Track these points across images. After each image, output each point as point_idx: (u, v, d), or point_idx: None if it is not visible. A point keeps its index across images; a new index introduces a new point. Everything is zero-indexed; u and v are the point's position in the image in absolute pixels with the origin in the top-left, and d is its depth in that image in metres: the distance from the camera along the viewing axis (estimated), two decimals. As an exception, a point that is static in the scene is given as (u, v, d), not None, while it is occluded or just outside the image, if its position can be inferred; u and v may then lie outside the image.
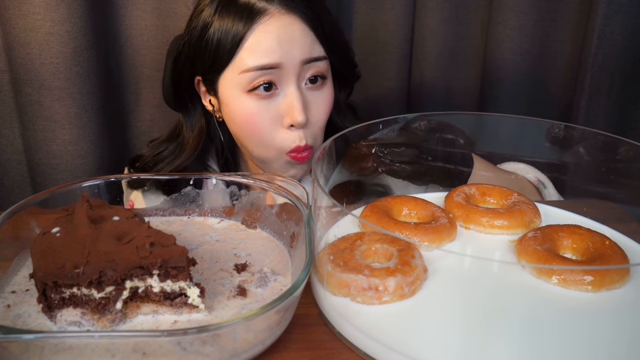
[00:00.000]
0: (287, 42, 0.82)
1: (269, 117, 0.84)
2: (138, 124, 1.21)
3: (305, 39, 0.84)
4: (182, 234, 0.67)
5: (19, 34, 1.03)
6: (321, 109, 0.87)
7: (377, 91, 1.26)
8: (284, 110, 0.84)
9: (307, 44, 0.84)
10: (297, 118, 0.83)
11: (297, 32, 0.83)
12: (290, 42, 0.83)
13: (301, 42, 0.83)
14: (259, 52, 0.82)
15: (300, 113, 0.83)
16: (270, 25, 0.83)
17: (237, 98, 0.85)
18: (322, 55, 0.86)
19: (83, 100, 1.09)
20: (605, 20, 1.09)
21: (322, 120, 0.88)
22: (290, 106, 0.84)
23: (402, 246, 0.57)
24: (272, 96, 0.84)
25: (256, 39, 0.82)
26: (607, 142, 0.72)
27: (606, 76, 1.13)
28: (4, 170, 1.18)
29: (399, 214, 0.69)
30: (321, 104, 0.87)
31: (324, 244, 0.61)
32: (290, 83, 0.84)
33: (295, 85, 0.84)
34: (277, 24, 0.83)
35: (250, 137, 0.87)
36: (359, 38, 1.25)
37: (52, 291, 0.50)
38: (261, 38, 0.82)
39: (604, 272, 0.55)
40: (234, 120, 0.87)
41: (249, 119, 0.85)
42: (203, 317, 0.52)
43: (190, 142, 0.94)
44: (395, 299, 0.53)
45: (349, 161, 0.85)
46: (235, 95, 0.85)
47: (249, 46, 0.83)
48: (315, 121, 0.87)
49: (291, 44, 0.83)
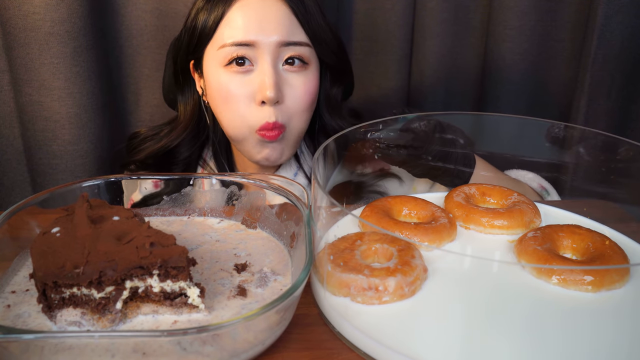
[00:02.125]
0: (265, 21, 0.84)
1: (243, 93, 0.85)
2: (138, 124, 1.21)
3: (284, 20, 0.85)
4: (182, 234, 0.67)
5: (19, 34, 1.03)
6: (298, 91, 0.87)
7: (377, 91, 1.26)
8: (257, 86, 0.85)
9: (286, 26, 0.85)
10: (266, 94, 0.83)
11: (276, 12, 0.85)
12: (268, 22, 0.84)
13: (280, 23, 0.85)
14: (235, 28, 0.84)
15: (270, 89, 0.83)
16: (250, 3, 0.85)
17: (216, 72, 0.87)
18: (304, 41, 0.86)
19: (83, 100, 1.09)
20: (605, 20, 1.09)
21: (299, 102, 0.87)
22: (262, 82, 0.84)
23: (402, 246, 0.57)
24: (247, 72, 0.85)
25: (234, 15, 0.85)
26: (607, 142, 0.72)
27: (606, 76, 1.13)
28: (4, 170, 1.18)
29: (399, 214, 0.69)
30: (299, 86, 0.87)
31: (324, 244, 0.61)
32: (264, 61, 0.84)
33: (270, 64, 0.84)
34: (257, 3, 0.85)
35: (225, 111, 0.88)
36: (359, 38, 1.25)
37: (52, 291, 0.50)
38: (239, 15, 0.84)
39: (604, 272, 0.55)
40: (212, 95, 0.89)
41: (223, 93, 0.86)
42: (203, 317, 0.52)
43: (182, 123, 0.96)
44: (395, 299, 0.53)
45: (349, 161, 0.85)
46: (214, 70, 0.87)
47: (227, 22, 0.85)
48: (291, 103, 0.87)
49: (269, 24, 0.84)
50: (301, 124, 0.89)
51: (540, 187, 0.88)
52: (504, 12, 1.17)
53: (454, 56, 1.24)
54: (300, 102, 0.87)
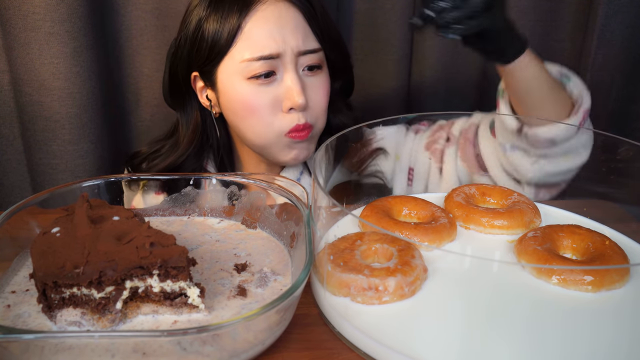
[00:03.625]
0: (284, 31, 0.84)
1: (269, 101, 0.85)
2: (138, 124, 1.21)
3: (300, 27, 0.85)
4: (182, 234, 0.67)
5: (19, 34, 1.03)
6: (320, 93, 0.88)
7: (377, 91, 1.26)
8: (283, 94, 0.85)
9: (302, 32, 0.85)
10: (296, 100, 0.84)
11: (292, 20, 0.85)
12: (287, 31, 0.84)
13: (297, 30, 0.85)
14: (258, 41, 0.83)
15: (299, 95, 0.84)
16: (267, 12, 0.84)
17: (237, 85, 0.86)
18: (318, 47, 0.87)
19: (83, 100, 1.08)
20: (605, 20, 1.09)
21: (321, 103, 0.89)
22: (289, 90, 0.85)
23: (402, 246, 0.57)
24: (271, 82, 0.85)
25: (254, 27, 0.83)
26: (607, 142, 0.72)
27: (606, 76, 1.13)
28: (4, 170, 1.18)
29: (399, 214, 0.69)
30: (319, 88, 0.88)
31: (324, 244, 0.61)
32: (289, 70, 0.85)
33: (294, 72, 0.85)
34: (274, 11, 0.84)
35: (249, 122, 0.88)
36: (359, 38, 1.24)
37: (52, 291, 0.50)
38: (259, 26, 0.83)
39: (604, 272, 0.55)
40: (233, 107, 0.88)
41: (248, 104, 0.86)
42: (203, 317, 0.52)
43: (186, 139, 0.95)
44: (395, 299, 0.53)
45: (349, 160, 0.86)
46: (235, 83, 0.86)
47: (247, 36, 0.84)
48: (314, 105, 0.88)
49: (288, 31, 0.84)
50: (323, 122, 0.91)
51: (560, 73, 0.85)
52: (504, 12, 1.17)
53: (454, 56, 1.24)
54: (322, 103, 0.89)
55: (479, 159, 0.88)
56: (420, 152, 0.93)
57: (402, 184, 0.94)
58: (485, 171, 0.88)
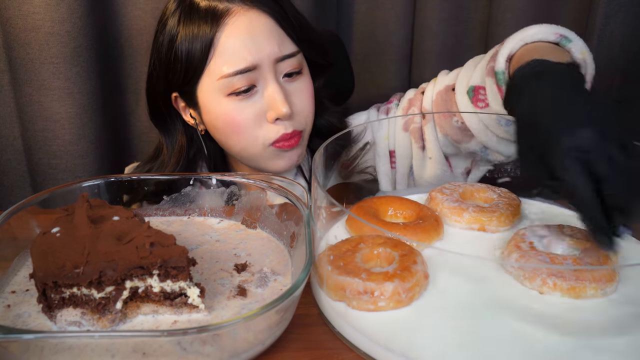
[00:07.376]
0: (258, 40, 0.81)
1: (252, 115, 0.83)
2: (138, 124, 1.21)
3: (273, 33, 0.83)
4: (182, 234, 0.67)
5: (19, 34, 1.03)
6: (304, 98, 0.86)
7: (377, 91, 1.26)
8: (267, 105, 0.83)
9: (276, 39, 0.83)
10: (281, 110, 0.82)
11: (265, 27, 0.82)
12: (261, 37, 0.81)
13: (271, 37, 0.82)
14: (233, 54, 0.81)
15: (283, 104, 0.82)
16: (237, 23, 0.81)
17: (218, 103, 0.83)
18: (294, 50, 0.85)
19: (83, 100, 1.09)
20: (605, 20, 1.09)
21: (307, 108, 0.87)
22: (273, 100, 0.83)
23: (405, 251, 0.56)
24: (252, 95, 0.83)
25: (226, 40, 0.81)
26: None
27: (606, 76, 1.13)
28: (4, 170, 1.18)
29: (385, 214, 0.69)
30: (302, 93, 0.86)
31: (324, 244, 0.61)
32: (268, 80, 0.83)
33: (274, 81, 0.83)
34: (244, 21, 0.81)
35: (234, 138, 0.86)
36: (359, 38, 1.25)
37: (52, 291, 0.50)
38: (231, 39, 0.81)
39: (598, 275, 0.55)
40: (217, 125, 0.86)
41: (231, 121, 0.84)
42: (203, 317, 0.52)
43: (172, 159, 0.92)
44: (392, 305, 0.52)
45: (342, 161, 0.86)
46: (216, 101, 0.83)
47: (221, 50, 0.81)
48: (300, 110, 0.86)
49: (262, 39, 0.81)
50: (310, 125, 0.90)
51: (558, 35, 0.76)
52: (504, 12, 1.17)
53: (454, 56, 1.24)
54: (307, 107, 0.87)
55: (462, 128, 0.84)
56: (399, 133, 0.91)
57: (386, 168, 0.93)
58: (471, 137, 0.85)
